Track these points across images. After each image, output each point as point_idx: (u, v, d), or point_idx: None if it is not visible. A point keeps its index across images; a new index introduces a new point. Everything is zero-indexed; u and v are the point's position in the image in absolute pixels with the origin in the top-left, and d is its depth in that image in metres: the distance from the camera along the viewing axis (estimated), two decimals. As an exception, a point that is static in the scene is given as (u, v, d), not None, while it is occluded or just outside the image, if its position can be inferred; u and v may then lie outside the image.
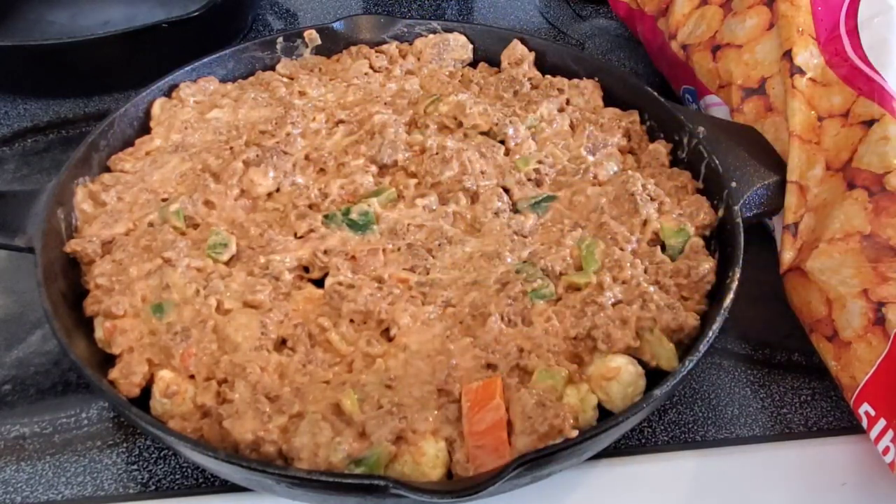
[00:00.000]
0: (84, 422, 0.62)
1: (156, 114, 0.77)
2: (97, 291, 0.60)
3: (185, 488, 0.58)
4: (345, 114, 0.76)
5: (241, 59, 0.83)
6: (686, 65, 0.85)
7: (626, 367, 0.54)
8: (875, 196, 0.62)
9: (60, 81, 0.95)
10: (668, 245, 0.63)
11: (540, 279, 0.60)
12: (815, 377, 0.66)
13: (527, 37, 0.84)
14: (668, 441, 0.62)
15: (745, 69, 0.76)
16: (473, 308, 0.58)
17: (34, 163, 0.87)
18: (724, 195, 0.64)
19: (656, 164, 0.71)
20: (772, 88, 0.74)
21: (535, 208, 0.67)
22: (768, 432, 0.62)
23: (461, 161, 0.69)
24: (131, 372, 0.55)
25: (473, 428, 0.51)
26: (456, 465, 0.51)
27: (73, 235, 0.65)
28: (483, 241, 0.64)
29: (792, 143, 0.68)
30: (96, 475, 0.59)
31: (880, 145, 0.64)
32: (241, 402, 0.52)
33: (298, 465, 0.49)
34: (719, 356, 0.68)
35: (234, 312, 0.58)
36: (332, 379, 0.55)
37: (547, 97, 0.78)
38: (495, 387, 0.52)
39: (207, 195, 0.67)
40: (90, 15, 1.08)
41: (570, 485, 0.59)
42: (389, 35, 0.87)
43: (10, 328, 0.69)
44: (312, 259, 0.62)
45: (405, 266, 0.62)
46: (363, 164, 0.70)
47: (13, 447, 0.61)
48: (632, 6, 0.97)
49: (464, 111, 0.74)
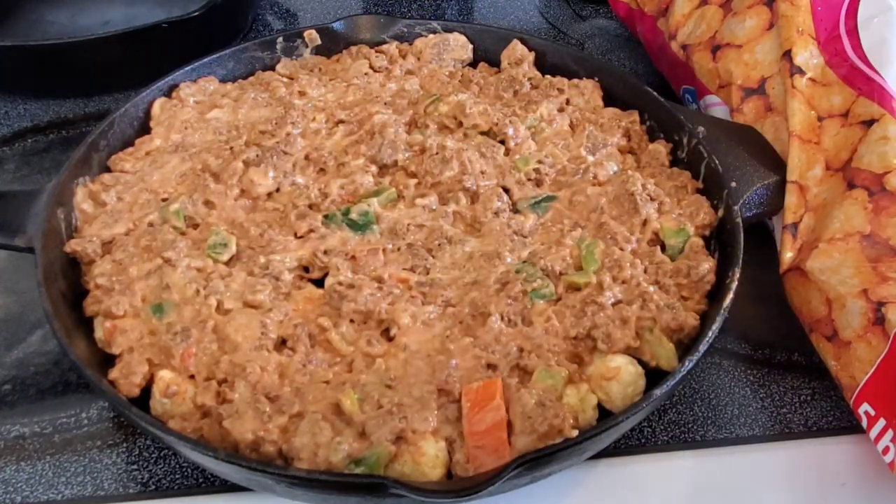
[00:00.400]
0: (84, 422, 0.62)
1: (156, 114, 0.77)
2: (97, 291, 0.60)
3: (185, 488, 0.59)
4: (345, 114, 0.76)
5: (241, 59, 0.83)
6: (686, 65, 0.85)
7: (626, 367, 0.54)
8: (875, 196, 0.62)
9: (60, 81, 0.95)
10: (668, 245, 0.64)
11: (540, 279, 0.60)
12: (814, 377, 0.66)
13: (527, 37, 0.85)
14: (668, 441, 0.62)
15: (744, 69, 0.76)
16: (473, 308, 0.58)
17: (34, 163, 0.87)
18: (723, 195, 0.64)
19: (656, 164, 0.71)
20: (772, 88, 0.74)
21: (535, 208, 0.67)
22: (768, 432, 0.62)
23: (461, 161, 0.69)
24: (131, 372, 0.55)
25: (473, 428, 0.51)
26: (456, 466, 0.51)
27: (73, 235, 0.65)
28: (483, 241, 0.64)
29: (792, 143, 0.68)
30: (96, 475, 0.59)
31: (880, 145, 0.64)
32: (241, 402, 0.52)
33: (298, 465, 0.49)
34: (719, 356, 0.68)
35: (234, 312, 0.58)
36: (333, 379, 0.55)
37: (547, 97, 0.78)
38: (495, 387, 0.52)
39: (207, 195, 0.67)
40: (90, 15, 1.08)
41: (571, 485, 0.59)
42: (389, 35, 0.87)
43: (10, 328, 0.69)
44: (312, 259, 0.62)
45: (405, 266, 0.62)
46: (363, 164, 0.70)
47: (13, 447, 0.61)
48: (632, 6, 0.97)
49: (464, 111, 0.74)
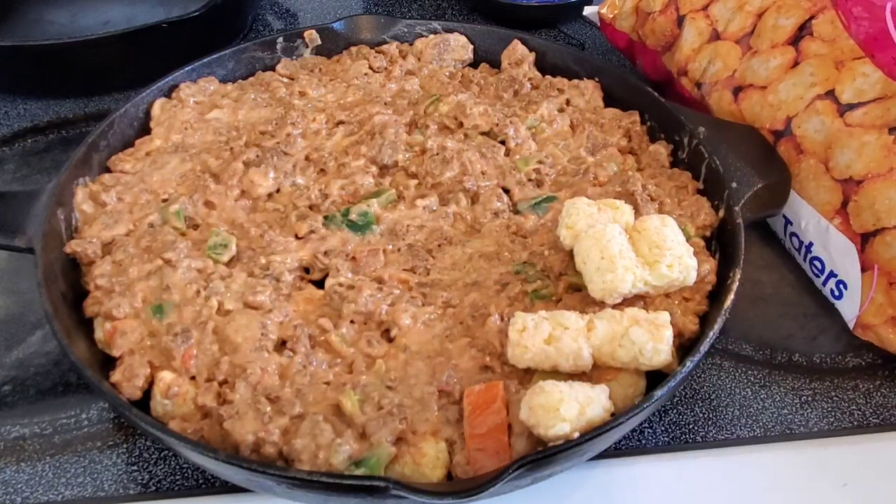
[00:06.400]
0: (84, 422, 0.62)
1: (156, 114, 0.77)
2: (97, 292, 0.60)
3: (185, 489, 0.58)
4: (345, 114, 0.76)
5: (241, 60, 0.83)
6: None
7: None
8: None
9: (60, 81, 0.95)
10: (669, 246, 0.63)
11: (540, 280, 0.60)
12: (815, 378, 0.66)
13: (527, 37, 0.84)
14: (669, 442, 0.62)
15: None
16: (474, 309, 0.58)
17: (34, 163, 0.87)
18: (724, 196, 0.64)
19: (657, 164, 0.71)
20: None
21: (536, 209, 0.67)
22: (769, 433, 0.62)
23: (462, 162, 0.69)
24: (134, 374, 0.55)
25: (474, 431, 0.51)
26: (456, 467, 0.51)
27: (74, 236, 0.65)
28: (483, 242, 0.64)
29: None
30: (96, 476, 0.59)
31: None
32: (241, 403, 0.52)
33: (299, 467, 0.49)
34: (720, 357, 0.68)
35: (235, 313, 0.58)
36: (333, 380, 0.55)
37: (547, 97, 0.78)
38: (497, 390, 0.52)
39: (208, 196, 0.67)
40: (90, 15, 1.08)
41: (571, 485, 0.59)
42: (390, 35, 0.87)
43: (10, 329, 0.69)
44: (313, 260, 0.62)
45: (405, 267, 0.62)
46: (363, 165, 0.70)
47: (13, 448, 0.61)
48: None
49: (464, 111, 0.74)
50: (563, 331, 0.52)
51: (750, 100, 0.75)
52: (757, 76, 0.75)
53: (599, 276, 0.55)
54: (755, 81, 0.75)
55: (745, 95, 0.75)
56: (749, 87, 0.75)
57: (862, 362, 0.68)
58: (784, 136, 0.71)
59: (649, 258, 0.56)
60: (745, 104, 0.75)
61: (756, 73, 0.75)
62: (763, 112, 0.73)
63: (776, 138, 0.72)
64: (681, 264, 0.55)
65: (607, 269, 0.54)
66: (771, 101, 0.73)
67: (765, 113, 0.73)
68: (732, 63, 0.78)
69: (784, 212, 0.72)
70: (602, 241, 0.55)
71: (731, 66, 0.77)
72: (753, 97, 0.74)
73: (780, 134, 0.72)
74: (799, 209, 0.70)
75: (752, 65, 0.75)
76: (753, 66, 0.75)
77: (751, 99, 0.75)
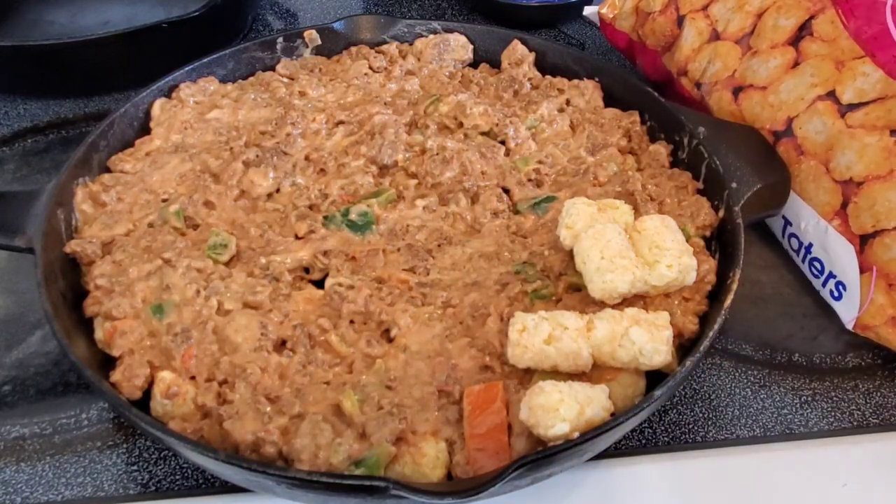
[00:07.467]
0: (84, 422, 0.62)
1: (156, 114, 0.77)
2: (97, 292, 0.60)
3: (185, 489, 0.58)
4: (345, 114, 0.76)
5: (241, 60, 0.83)
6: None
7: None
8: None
9: (60, 81, 0.95)
10: (669, 246, 0.63)
11: (540, 280, 0.60)
12: (815, 378, 0.66)
13: (527, 37, 0.84)
14: (669, 442, 0.62)
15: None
16: (473, 309, 0.58)
17: (34, 163, 0.87)
18: (724, 196, 0.64)
19: (657, 164, 0.71)
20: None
21: (536, 209, 0.67)
22: (769, 433, 0.62)
23: (462, 162, 0.69)
24: (134, 375, 0.55)
25: (474, 431, 0.51)
26: (456, 467, 0.51)
27: (73, 236, 0.65)
28: (483, 242, 0.64)
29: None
30: (96, 476, 0.59)
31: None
32: (241, 403, 0.52)
33: (299, 466, 0.49)
34: (720, 357, 0.68)
35: (234, 313, 0.58)
36: (333, 380, 0.55)
37: (547, 97, 0.78)
38: (497, 390, 0.52)
39: (207, 196, 0.67)
40: (90, 15, 1.08)
41: (571, 485, 0.59)
42: (390, 35, 0.87)
43: (10, 329, 0.69)
44: (313, 260, 0.62)
45: (405, 267, 0.62)
46: (363, 165, 0.70)
47: (13, 448, 0.61)
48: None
49: (464, 111, 0.74)
50: (562, 331, 0.52)
51: (750, 100, 0.75)
52: (757, 76, 0.74)
53: (599, 276, 0.55)
54: (755, 82, 0.75)
55: (745, 96, 0.75)
56: (749, 88, 0.75)
57: (862, 362, 0.68)
58: (784, 136, 0.71)
59: (649, 258, 0.56)
60: (746, 104, 0.75)
61: (756, 74, 0.75)
62: (763, 112, 0.73)
63: (776, 139, 0.72)
64: (680, 264, 0.55)
65: (607, 269, 0.54)
66: (771, 101, 0.72)
67: (765, 113, 0.73)
68: (732, 63, 0.77)
69: (784, 213, 0.72)
70: (602, 241, 0.55)
71: (731, 66, 0.77)
72: (753, 97, 0.74)
73: (780, 134, 0.71)
74: (798, 210, 0.70)
75: (752, 65, 0.75)
76: (753, 66, 0.75)
77: (751, 99, 0.75)
